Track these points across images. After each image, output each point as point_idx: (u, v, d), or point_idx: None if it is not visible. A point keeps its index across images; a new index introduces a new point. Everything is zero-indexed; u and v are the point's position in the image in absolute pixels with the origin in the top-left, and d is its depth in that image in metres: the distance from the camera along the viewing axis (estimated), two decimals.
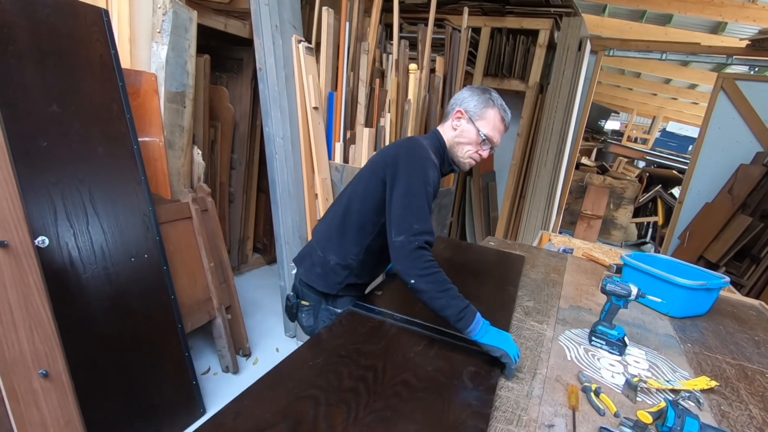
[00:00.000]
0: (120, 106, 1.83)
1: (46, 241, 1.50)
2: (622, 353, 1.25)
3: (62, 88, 1.62)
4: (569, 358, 1.20)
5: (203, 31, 2.54)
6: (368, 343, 1.10)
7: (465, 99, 1.31)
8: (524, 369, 1.11)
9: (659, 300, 1.30)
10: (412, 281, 1.07)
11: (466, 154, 1.33)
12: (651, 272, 1.61)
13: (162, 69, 2.17)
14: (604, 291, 1.27)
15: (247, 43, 2.93)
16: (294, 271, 1.41)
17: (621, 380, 1.11)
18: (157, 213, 1.93)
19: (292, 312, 1.41)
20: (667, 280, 1.54)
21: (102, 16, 1.80)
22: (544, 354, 1.21)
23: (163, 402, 1.86)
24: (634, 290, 1.23)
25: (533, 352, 1.21)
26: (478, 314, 1.07)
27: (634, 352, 1.29)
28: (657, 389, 1.07)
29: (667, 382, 1.10)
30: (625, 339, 1.26)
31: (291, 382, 0.90)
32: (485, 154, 1.34)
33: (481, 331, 1.05)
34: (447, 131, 1.34)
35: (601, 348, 1.27)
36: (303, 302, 1.37)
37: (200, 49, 2.46)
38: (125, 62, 1.99)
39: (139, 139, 1.91)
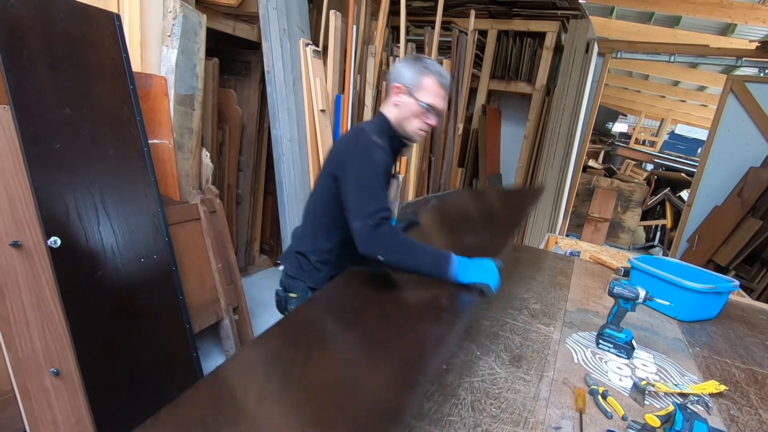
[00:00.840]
0: (131, 109, 1.85)
1: (58, 242, 1.52)
2: (629, 356, 1.24)
3: (75, 91, 1.65)
4: (576, 361, 1.20)
5: (212, 35, 2.57)
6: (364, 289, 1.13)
7: (400, 73, 1.30)
8: (531, 371, 1.11)
9: (667, 303, 1.30)
10: (380, 258, 1.10)
11: (414, 126, 1.33)
12: (659, 275, 1.60)
13: (172, 72, 2.20)
14: (611, 294, 1.27)
15: (255, 47, 2.96)
16: (281, 268, 1.46)
17: (629, 383, 1.11)
18: (166, 214, 1.95)
19: (281, 305, 1.44)
20: (675, 283, 1.54)
21: (114, 21, 1.82)
22: (551, 357, 1.21)
23: (172, 401, 1.87)
24: (642, 293, 1.23)
25: (540, 354, 1.21)
26: (452, 256, 1.10)
27: (642, 355, 1.28)
28: (665, 393, 1.07)
29: (676, 385, 1.10)
30: (633, 342, 1.25)
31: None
32: (433, 122, 1.34)
33: (460, 270, 1.08)
34: (390, 109, 1.34)
35: (608, 351, 1.27)
36: (291, 294, 1.41)
37: (209, 53, 2.48)
38: (136, 65, 2.02)
39: (149, 141, 1.93)
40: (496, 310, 1.47)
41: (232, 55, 3.21)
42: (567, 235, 5.08)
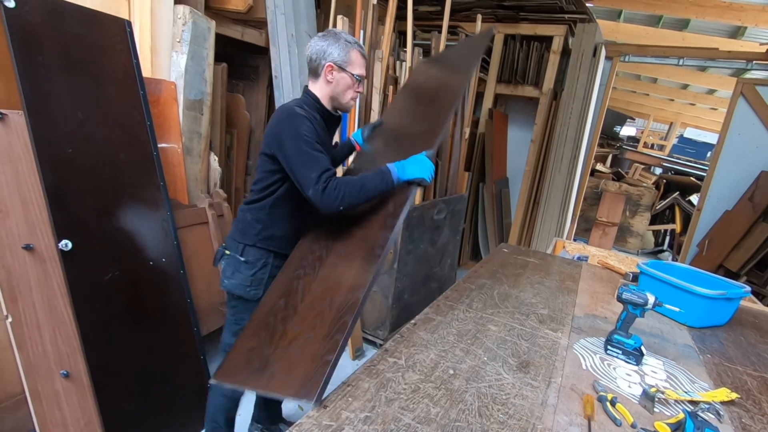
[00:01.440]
0: (141, 114, 1.88)
1: (69, 245, 1.54)
2: (638, 363, 1.23)
3: (87, 97, 1.68)
4: (584, 367, 1.19)
5: (221, 40, 2.60)
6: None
7: (327, 52, 1.40)
8: (539, 377, 1.11)
9: (677, 309, 1.28)
10: (341, 209, 1.30)
11: (348, 97, 1.48)
12: (669, 281, 1.58)
13: (181, 77, 2.23)
14: (620, 299, 1.26)
15: (263, 52, 2.98)
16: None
17: (638, 390, 1.10)
18: (175, 218, 1.97)
19: (216, 258, 1.56)
20: (685, 289, 1.52)
21: (125, 27, 1.85)
22: (559, 362, 1.20)
23: (179, 403, 1.89)
24: (651, 299, 1.22)
25: (548, 360, 1.20)
26: (389, 167, 1.35)
27: (651, 362, 1.27)
28: (675, 400, 1.05)
29: (686, 393, 1.08)
30: (642, 348, 1.24)
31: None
32: (362, 89, 1.51)
33: (400, 174, 1.35)
34: (322, 87, 1.44)
35: (617, 357, 1.26)
36: (227, 252, 1.52)
37: (218, 58, 2.51)
38: (146, 71, 2.04)
39: (159, 146, 1.95)
40: (503, 315, 1.47)
41: (241, 60, 3.25)
42: (574, 240, 5.05)
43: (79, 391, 1.53)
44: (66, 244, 1.53)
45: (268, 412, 1.96)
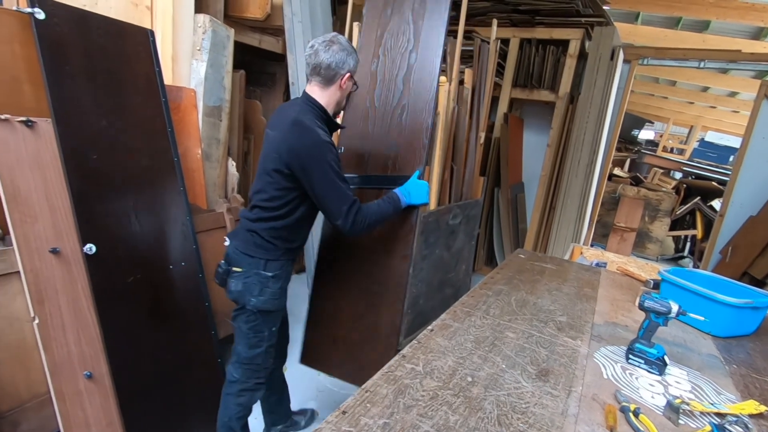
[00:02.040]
0: (162, 121, 1.92)
1: (94, 249, 1.58)
2: (661, 373, 1.20)
3: (111, 104, 1.73)
4: (606, 376, 1.17)
5: (239, 48, 2.65)
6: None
7: (346, 62, 1.44)
8: (559, 386, 1.09)
9: (702, 318, 1.25)
10: (365, 233, 1.49)
11: (346, 102, 1.57)
12: (692, 289, 1.55)
13: (201, 84, 2.28)
14: (642, 307, 1.23)
15: (280, 58, 3.03)
16: (227, 244, 1.56)
17: (661, 401, 1.07)
18: (194, 222, 2.01)
19: (222, 278, 1.54)
20: (710, 297, 1.48)
21: (148, 37, 1.90)
22: (579, 371, 1.18)
23: (196, 406, 1.91)
24: (675, 308, 1.19)
25: (567, 368, 1.18)
26: (398, 193, 1.61)
27: (674, 372, 1.24)
28: (701, 412, 1.03)
29: (712, 404, 1.05)
30: (665, 358, 1.21)
31: None
32: None
33: (406, 200, 1.63)
34: (333, 93, 1.47)
35: (639, 367, 1.23)
36: (234, 268, 1.50)
37: (236, 65, 2.56)
38: (167, 79, 2.10)
39: (179, 151, 2.00)
40: (520, 322, 1.45)
41: (258, 67, 3.30)
42: (592, 245, 4.97)
43: (102, 392, 1.56)
44: (90, 248, 1.57)
45: (279, 414, 1.99)
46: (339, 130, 1.88)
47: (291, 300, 3.38)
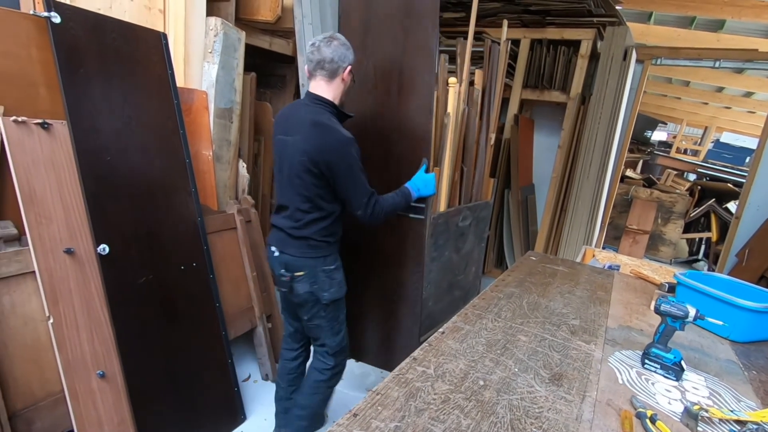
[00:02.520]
0: (174, 123, 1.94)
1: (107, 249, 1.60)
2: (678, 378, 1.18)
3: (125, 107, 1.74)
4: (621, 381, 1.15)
5: (249, 50, 2.67)
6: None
7: (347, 56, 1.56)
8: (573, 391, 1.07)
9: (720, 323, 1.22)
10: (381, 222, 1.63)
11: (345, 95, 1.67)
12: (709, 293, 1.51)
13: (212, 87, 2.29)
14: (658, 312, 1.21)
15: (291, 60, 3.04)
16: (276, 254, 1.62)
17: (679, 407, 1.05)
18: (205, 223, 2.02)
19: (288, 285, 1.61)
20: (727, 301, 1.45)
21: (161, 39, 1.92)
22: (593, 376, 1.16)
23: (207, 407, 1.92)
24: (692, 312, 1.17)
25: (581, 373, 1.17)
26: (408, 187, 1.74)
27: (692, 377, 1.21)
28: (720, 419, 1.00)
29: (732, 412, 1.03)
30: (682, 363, 1.19)
31: None
32: None
33: (416, 193, 1.77)
34: (337, 86, 1.58)
35: (655, 372, 1.21)
36: (297, 273, 1.59)
37: (246, 67, 2.58)
38: (179, 81, 2.11)
39: (191, 153, 2.01)
40: (533, 325, 1.43)
41: (268, 69, 3.32)
42: (604, 248, 4.90)
43: (114, 391, 1.58)
44: (104, 249, 1.59)
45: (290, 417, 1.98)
46: None
47: None
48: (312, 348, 1.82)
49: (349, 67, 1.58)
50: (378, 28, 2.03)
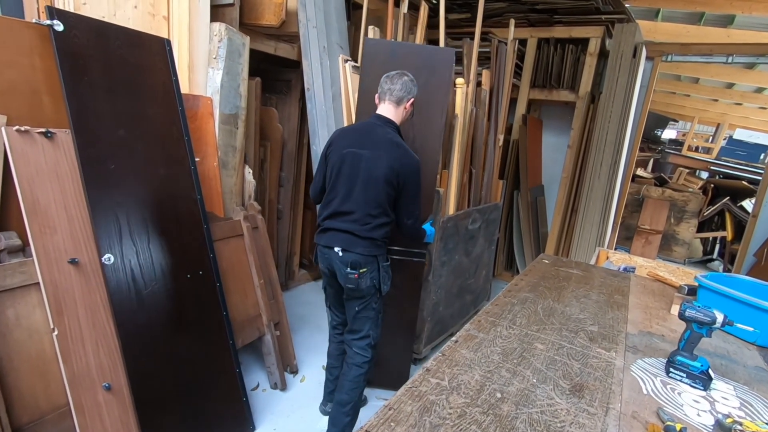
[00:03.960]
0: (179, 129, 1.92)
1: (112, 259, 1.57)
2: (706, 388, 1.12)
3: (129, 114, 1.72)
4: (645, 392, 1.09)
5: (254, 55, 2.65)
6: None
7: (413, 90, 1.87)
8: (595, 402, 1.02)
9: (750, 329, 1.16)
10: (414, 236, 1.94)
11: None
12: (733, 296, 1.45)
13: (217, 93, 2.27)
14: (683, 317, 1.15)
15: (296, 65, 3.02)
16: (340, 254, 1.78)
17: (709, 420, 0.99)
18: (211, 231, 1.99)
19: (355, 281, 1.78)
20: (754, 305, 1.38)
21: (165, 46, 1.91)
22: (616, 386, 1.10)
23: (215, 417, 1.88)
24: (720, 317, 1.11)
25: (603, 383, 1.11)
26: (426, 229, 2.01)
27: (720, 386, 1.15)
28: None
29: (766, 424, 0.97)
30: (710, 372, 1.13)
31: None
32: None
33: (428, 239, 2.05)
34: (400, 114, 1.87)
35: (681, 381, 1.15)
36: (362, 270, 1.77)
37: (251, 72, 2.55)
38: (184, 87, 2.09)
39: (196, 160, 1.99)
40: (549, 332, 1.38)
41: (273, 74, 3.30)
42: (615, 249, 4.81)
43: (120, 404, 1.55)
44: (109, 258, 1.57)
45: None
46: None
47: (306, 307, 3.37)
48: (350, 346, 1.93)
49: (412, 99, 1.87)
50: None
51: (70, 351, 1.43)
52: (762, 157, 7.27)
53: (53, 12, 1.52)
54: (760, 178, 3.90)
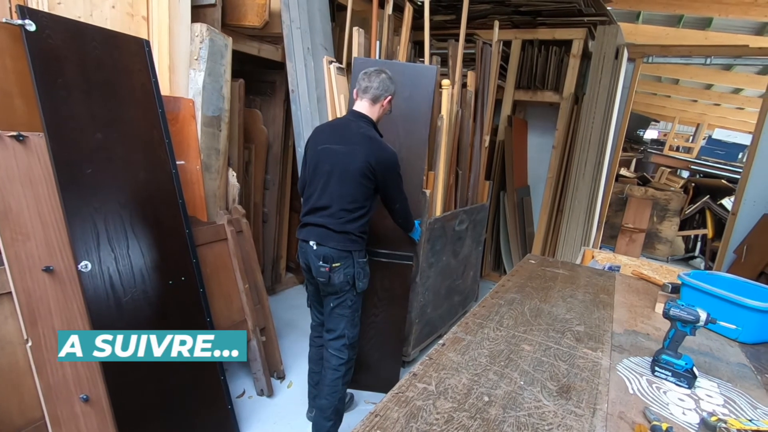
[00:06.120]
0: (160, 132, 1.87)
1: (89, 266, 1.53)
2: (691, 386, 1.12)
3: (106, 117, 1.68)
4: (631, 391, 1.09)
5: (238, 56, 2.61)
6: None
7: (390, 88, 1.85)
8: (582, 404, 1.01)
9: (733, 327, 1.18)
10: (404, 219, 2.01)
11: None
12: (716, 293, 1.47)
13: (199, 94, 2.23)
14: (667, 316, 1.16)
15: (280, 66, 2.99)
16: (315, 247, 1.78)
17: (694, 418, 0.99)
18: (193, 236, 1.95)
19: (327, 275, 1.77)
20: (736, 302, 1.40)
21: (143, 47, 1.86)
22: (603, 386, 1.10)
23: (200, 426, 1.84)
24: (703, 315, 1.12)
25: (590, 384, 1.11)
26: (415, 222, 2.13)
27: (704, 384, 1.16)
28: (739, 430, 0.95)
29: (750, 421, 0.98)
30: (694, 370, 1.14)
31: None
32: None
33: (415, 234, 2.21)
34: (376, 111, 1.86)
35: (666, 380, 1.15)
36: (335, 264, 1.76)
37: (234, 74, 2.52)
38: (164, 89, 2.05)
39: (177, 163, 1.94)
40: (536, 333, 1.38)
41: (257, 76, 3.26)
42: (601, 247, 4.87)
43: (99, 415, 1.50)
44: (86, 266, 1.52)
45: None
46: None
47: (293, 311, 3.33)
48: (327, 347, 1.90)
49: (389, 97, 1.86)
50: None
51: (45, 362, 1.38)
52: (740, 156, 7.45)
53: (25, 11, 1.47)
54: (738, 176, 3.99)
